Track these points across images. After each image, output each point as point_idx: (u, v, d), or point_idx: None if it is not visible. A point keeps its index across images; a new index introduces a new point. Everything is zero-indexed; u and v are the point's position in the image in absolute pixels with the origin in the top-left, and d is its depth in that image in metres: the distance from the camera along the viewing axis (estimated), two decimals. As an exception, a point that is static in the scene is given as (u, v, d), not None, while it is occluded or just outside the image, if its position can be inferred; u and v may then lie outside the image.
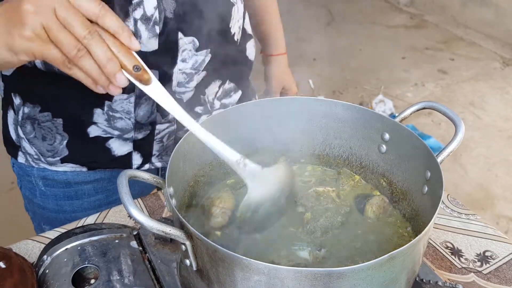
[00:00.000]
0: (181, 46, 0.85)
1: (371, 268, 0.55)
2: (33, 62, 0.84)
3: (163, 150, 0.98)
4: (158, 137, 0.95)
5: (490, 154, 2.80)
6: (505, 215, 2.42)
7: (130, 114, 0.90)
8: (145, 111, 0.90)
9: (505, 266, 0.85)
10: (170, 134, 0.96)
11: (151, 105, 0.89)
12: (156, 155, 0.98)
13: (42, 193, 1.01)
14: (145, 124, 0.92)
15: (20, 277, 0.71)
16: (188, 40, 0.85)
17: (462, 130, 0.72)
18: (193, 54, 0.87)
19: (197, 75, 0.90)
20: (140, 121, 0.91)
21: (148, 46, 0.82)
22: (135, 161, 0.97)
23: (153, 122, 0.92)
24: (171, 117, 0.92)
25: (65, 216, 1.02)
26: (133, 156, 0.96)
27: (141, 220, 0.56)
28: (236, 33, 0.96)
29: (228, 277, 0.58)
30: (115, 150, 0.94)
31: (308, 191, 0.80)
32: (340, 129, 0.83)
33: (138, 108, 0.89)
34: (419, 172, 0.72)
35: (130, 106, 0.88)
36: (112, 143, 0.94)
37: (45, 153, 0.95)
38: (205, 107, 0.97)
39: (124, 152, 0.95)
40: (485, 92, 3.36)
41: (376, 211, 0.77)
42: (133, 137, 0.93)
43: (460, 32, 4.17)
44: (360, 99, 3.30)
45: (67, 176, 0.98)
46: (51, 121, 0.91)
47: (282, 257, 0.69)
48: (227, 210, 0.75)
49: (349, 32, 4.24)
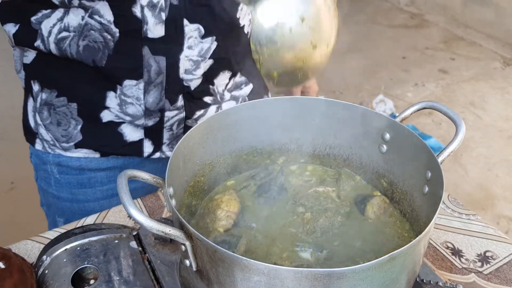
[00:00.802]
0: (187, 33, 0.87)
1: (372, 269, 0.54)
2: (48, 47, 0.87)
3: (173, 139, 0.99)
4: (168, 125, 0.96)
5: (491, 154, 2.80)
6: (506, 215, 2.42)
7: (140, 100, 0.91)
8: (154, 98, 0.91)
9: (506, 267, 0.85)
10: (179, 122, 0.97)
11: (159, 91, 0.91)
12: (167, 143, 0.99)
13: (57, 181, 1.03)
14: (154, 111, 0.93)
15: (20, 277, 0.71)
16: (193, 27, 0.87)
17: (462, 130, 0.72)
18: (199, 42, 0.88)
19: (203, 62, 0.91)
20: (149, 107, 0.92)
21: (155, 32, 0.84)
22: (146, 149, 0.98)
23: (162, 109, 0.93)
24: (180, 104, 0.93)
25: (79, 206, 1.04)
26: (145, 144, 0.98)
27: (140, 221, 0.56)
28: (246, 26, 0.97)
29: (228, 278, 0.58)
30: (127, 135, 0.96)
31: (308, 191, 0.80)
32: (340, 129, 0.83)
33: (147, 95, 0.91)
34: (420, 172, 0.72)
35: (139, 92, 0.90)
36: (124, 128, 0.95)
37: (60, 138, 0.97)
38: (214, 97, 0.99)
39: (136, 138, 0.97)
40: (486, 92, 3.36)
41: (377, 212, 0.77)
42: (143, 123, 0.95)
43: (461, 32, 4.17)
44: (360, 99, 3.30)
45: (81, 163, 1.00)
46: (66, 105, 0.93)
47: (284, 259, 0.69)
48: (232, 213, 0.75)
49: (349, 32, 4.24)
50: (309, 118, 0.84)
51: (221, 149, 0.82)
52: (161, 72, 0.88)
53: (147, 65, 0.87)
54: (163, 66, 0.88)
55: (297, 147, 0.87)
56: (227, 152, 0.83)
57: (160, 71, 0.88)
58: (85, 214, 1.02)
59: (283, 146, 0.87)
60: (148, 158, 1.00)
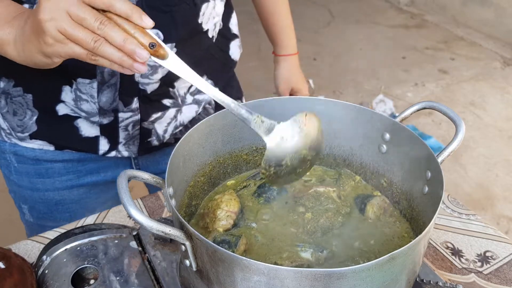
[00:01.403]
0: None
1: (372, 269, 0.54)
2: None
3: (129, 139, 0.98)
4: (123, 125, 0.95)
5: (491, 154, 2.79)
6: (506, 215, 2.42)
7: (94, 98, 0.91)
8: (107, 98, 0.91)
9: (506, 267, 0.85)
10: (134, 124, 0.96)
11: (113, 92, 0.90)
12: (123, 143, 0.98)
13: (16, 170, 1.04)
14: (108, 111, 0.93)
15: (20, 277, 0.71)
16: (152, 32, 0.85)
17: (462, 130, 0.72)
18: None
19: (161, 68, 0.90)
20: (103, 106, 0.92)
21: None
22: (102, 146, 0.98)
23: (115, 110, 0.93)
24: (134, 107, 0.93)
25: (39, 195, 1.05)
26: (100, 141, 0.97)
27: (140, 221, 0.56)
28: (210, 30, 0.96)
29: (228, 277, 0.58)
30: (83, 130, 0.96)
31: (308, 191, 0.80)
32: (340, 129, 0.83)
33: (101, 94, 0.90)
34: (420, 172, 0.72)
35: (93, 90, 0.90)
36: (80, 122, 0.95)
37: (16, 128, 0.97)
38: (174, 100, 0.98)
39: (91, 134, 0.96)
40: (486, 92, 3.36)
41: (377, 212, 0.77)
42: (99, 121, 0.94)
43: (461, 32, 4.17)
44: (360, 99, 3.30)
45: (36, 153, 1.00)
46: (22, 96, 0.93)
47: (284, 259, 0.69)
48: (232, 213, 0.75)
49: (349, 32, 4.24)
50: (309, 118, 0.83)
51: (221, 149, 0.82)
52: (114, 73, 0.88)
53: (100, 66, 0.85)
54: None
55: (297, 147, 0.87)
56: (227, 152, 0.83)
57: (113, 73, 0.88)
58: (46, 203, 1.05)
59: (283, 146, 0.87)
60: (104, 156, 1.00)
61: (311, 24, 4.35)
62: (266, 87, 3.45)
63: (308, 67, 3.69)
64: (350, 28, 4.32)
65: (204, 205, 0.80)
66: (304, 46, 3.95)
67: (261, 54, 3.74)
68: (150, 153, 1.06)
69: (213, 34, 0.98)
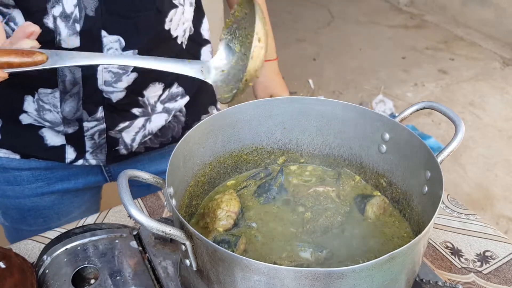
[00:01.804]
0: (106, 44, 0.84)
1: (371, 268, 0.55)
2: None
3: (96, 148, 0.97)
4: (88, 134, 0.94)
5: (490, 154, 2.80)
6: (505, 215, 2.42)
7: (57, 108, 0.90)
8: (70, 107, 0.89)
9: (505, 266, 0.85)
10: (100, 133, 0.94)
11: (76, 101, 0.88)
12: (90, 151, 0.97)
13: None
14: (72, 120, 0.91)
15: (20, 277, 0.72)
16: (113, 39, 0.84)
17: (462, 130, 0.72)
18: (119, 54, 0.85)
19: (126, 75, 0.88)
20: (66, 116, 0.90)
21: (69, 43, 0.82)
22: (68, 155, 0.96)
23: (79, 119, 0.91)
24: (99, 116, 0.91)
25: (10, 202, 1.04)
26: (67, 150, 0.96)
27: (141, 220, 0.56)
28: (180, 36, 0.94)
29: (228, 277, 0.58)
30: (48, 139, 0.94)
31: (308, 191, 0.80)
32: (340, 129, 0.83)
33: (64, 104, 0.89)
34: (419, 172, 0.72)
35: (56, 100, 0.89)
36: (45, 132, 0.94)
37: None
38: (144, 109, 0.96)
39: (57, 143, 0.95)
40: (485, 92, 3.36)
41: (377, 212, 0.77)
42: (63, 130, 0.93)
43: (460, 32, 4.17)
44: (360, 99, 3.30)
45: (2, 161, 0.99)
46: None
47: (284, 258, 0.69)
48: (232, 213, 0.75)
49: (349, 32, 4.24)
50: (309, 118, 0.84)
51: (221, 149, 0.82)
52: (76, 82, 0.86)
53: (61, 75, 0.85)
54: (78, 77, 0.86)
55: (297, 147, 0.87)
56: (227, 152, 0.83)
57: (75, 82, 0.86)
58: (19, 209, 1.04)
59: (283, 146, 0.87)
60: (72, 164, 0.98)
61: (311, 24, 4.35)
62: (266, 87, 3.44)
63: (308, 67, 3.69)
64: (350, 28, 4.32)
65: (204, 205, 0.81)
66: (304, 46, 3.95)
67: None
68: (120, 162, 1.04)
69: (182, 40, 0.96)
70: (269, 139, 0.86)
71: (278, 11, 4.39)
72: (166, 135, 1.04)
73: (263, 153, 0.87)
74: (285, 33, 4.11)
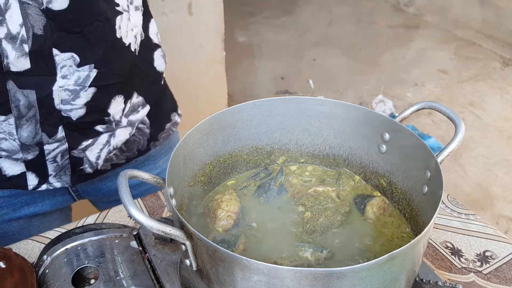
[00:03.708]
0: (59, 62, 0.80)
1: (371, 268, 0.55)
2: None
3: (59, 170, 0.92)
4: (50, 157, 0.89)
5: (490, 154, 2.80)
6: (505, 215, 2.42)
7: (13, 135, 0.84)
8: (28, 132, 0.84)
9: (505, 266, 0.85)
10: (62, 154, 0.90)
11: (34, 125, 0.84)
12: (53, 175, 0.92)
13: None
14: (31, 145, 0.86)
15: (20, 277, 0.72)
16: (66, 56, 0.80)
17: (462, 130, 0.72)
18: (74, 70, 0.81)
19: (83, 91, 0.84)
20: (25, 142, 0.85)
21: (18, 66, 0.77)
22: (30, 182, 0.91)
23: (39, 143, 0.86)
24: (60, 136, 0.86)
25: None
26: (28, 177, 0.91)
27: (141, 220, 0.56)
28: (132, 43, 0.90)
29: (228, 277, 0.58)
30: (6, 169, 0.89)
31: (308, 191, 0.80)
32: (340, 129, 0.83)
33: (20, 130, 0.83)
34: (419, 172, 0.72)
35: (11, 127, 0.83)
36: (2, 162, 0.88)
37: None
38: (108, 125, 0.92)
39: (16, 172, 0.90)
40: (485, 92, 3.37)
41: (377, 212, 0.77)
42: (22, 157, 0.88)
43: (460, 32, 4.17)
44: (360, 99, 3.30)
45: None
46: None
47: (284, 258, 0.69)
48: (232, 213, 0.76)
49: (349, 32, 4.24)
50: (309, 118, 0.84)
51: (221, 149, 0.82)
52: (31, 106, 0.81)
53: (14, 100, 0.80)
54: (33, 100, 0.81)
55: (297, 147, 0.87)
56: (227, 152, 0.83)
57: (30, 105, 0.81)
58: None
59: (283, 146, 0.87)
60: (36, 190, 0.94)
61: (311, 24, 4.35)
62: (266, 87, 3.46)
63: (308, 67, 3.69)
64: (350, 28, 4.32)
65: (204, 205, 0.81)
66: (304, 46, 3.95)
67: (261, 55, 3.75)
68: (82, 183, 1.01)
69: (135, 47, 0.92)
70: (269, 139, 0.86)
71: (279, 11, 4.39)
72: (132, 149, 1.02)
73: (263, 153, 0.87)
74: (285, 33, 4.11)
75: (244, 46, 3.90)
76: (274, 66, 3.57)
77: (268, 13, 4.42)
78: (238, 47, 3.83)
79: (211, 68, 2.18)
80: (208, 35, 2.04)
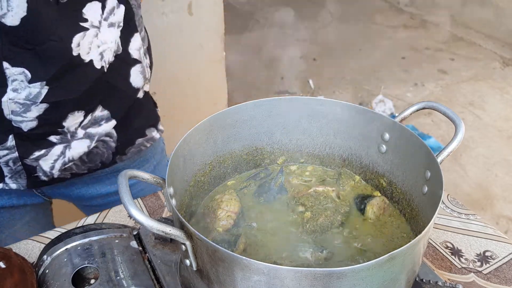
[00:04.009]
0: (10, 75, 0.79)
1: (371, 268, 0.55)
2: None
3: (14, 174, 0.92)
4: (3, 161, 0.89)
5: (490, 154, 2.80)
6: (505, 215, 2.42)
7: None
8: None
9: (505, 266, 0.85)
10: (14, 161, 0.89)
11: None
12: (9, 177, 0.92)
13: None
14: None
15: (20, 277, 0.72)
16: (17, 71, 0.79)
17: (462, 130, 0.72)
18: (26, 86, 0.81)
19: (35, 106, 0.83)
20: None
21: None
22: None
23: None
24: (10, 144, 0.86)
25: None
26: None
27: (141, 220, 0.56)
28: (95, 60, 0.87)
29: (228, 277, 0.58)
30: None
31: (308, 191, 0.80)
32: (340, 129, 0.83)
33: None
34: (419, 172, 0.72)
35: None
36: None
37: None
38: (63, 136, 0.90)
39: None
40: (485, 92, 3.37)
41: (377, 212, 0.77)
42: None
43: (460, 32, 4.17)
44: (360, 99, 3.30)
45: None
46: None
47: (284, 258, 0.69)
48: (232, 213, 0.76)
49: (349, 32, 4.24)
50: (309, 118, 0.84)
51: (221, 149, 0.82)
52: None
53: None
54: None
55: (297, 147, 0.87)
56: (227, 152, 0.83)
57: None
58: None
59: (283, 146, 0.87)
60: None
61: (311, 24, 4.35)
62: (267, 87, 3.46)
63: (308, 67, 3.69)
64: (350, 28, 4.32)
65: (205, 205, 0.81)
66: (304, 46, 3.95)
67: (262, 55, 3.74)
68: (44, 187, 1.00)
69: (102, 64, 0.89)
70: (269, 139, 0.86)
71: (279, 11, 4.39)
72: (94, 161, 0.99)
73: (263, 153, 0.87)
74: (285, 33, 4.11)
75: (245, 47, 3.90)
76: (274, 66, 3.57)
77: (269, 13, 4.42)
78: (239, 47, 3.83)
79: (211, 68, 2.18)
80: (208, 35, 2.04)
